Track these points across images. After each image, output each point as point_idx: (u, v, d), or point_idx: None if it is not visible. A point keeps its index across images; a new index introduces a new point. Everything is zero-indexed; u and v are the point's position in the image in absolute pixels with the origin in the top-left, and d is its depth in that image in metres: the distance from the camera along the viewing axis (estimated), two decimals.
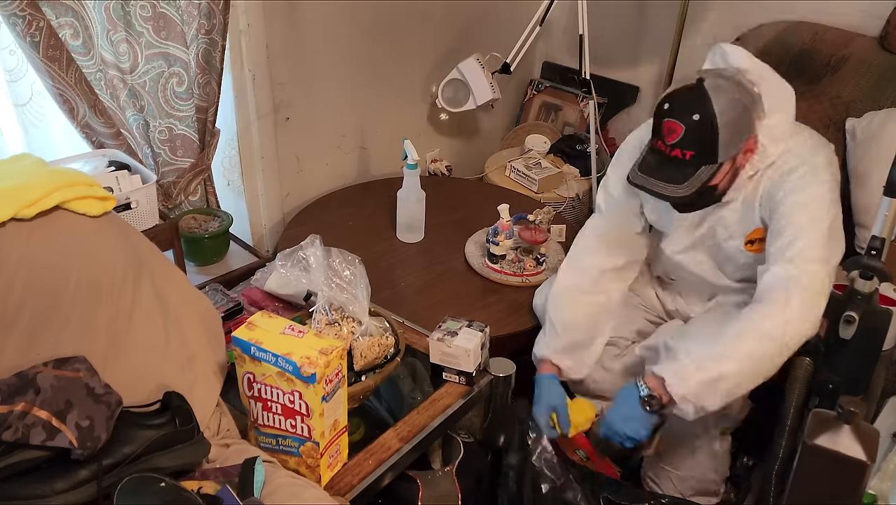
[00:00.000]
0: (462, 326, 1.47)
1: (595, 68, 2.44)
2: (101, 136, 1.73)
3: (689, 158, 1.41)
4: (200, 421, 1.12)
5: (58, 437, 0.92)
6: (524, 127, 3.04)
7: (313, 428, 1.14)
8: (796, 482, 1.24)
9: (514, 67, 2.43)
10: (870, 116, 2.00)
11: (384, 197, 2.29)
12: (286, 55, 2.14)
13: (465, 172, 2.94)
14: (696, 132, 1.39)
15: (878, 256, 1.31)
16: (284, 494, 1.07)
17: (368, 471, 1.25)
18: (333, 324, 1.37)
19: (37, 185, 1.05)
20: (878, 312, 1.34)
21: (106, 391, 0.99)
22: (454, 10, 2.59)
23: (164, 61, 1.82)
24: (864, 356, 1.37)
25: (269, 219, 2.35)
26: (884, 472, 1.28)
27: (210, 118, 1.94)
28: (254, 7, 1.99)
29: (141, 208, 1.63)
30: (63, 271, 1.05)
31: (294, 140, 2.30)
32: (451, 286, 2.00)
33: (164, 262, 1.29)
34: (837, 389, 1.37)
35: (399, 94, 2.58)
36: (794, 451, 1.31)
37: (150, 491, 0.95)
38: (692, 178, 1.42)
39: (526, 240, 1.99)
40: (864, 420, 1.19)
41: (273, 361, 1.12)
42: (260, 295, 1.65)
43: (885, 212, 1.30)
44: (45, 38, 1.53)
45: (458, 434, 1.56)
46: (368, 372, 1.36)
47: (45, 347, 1.02)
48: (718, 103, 1.38)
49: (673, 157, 1.42)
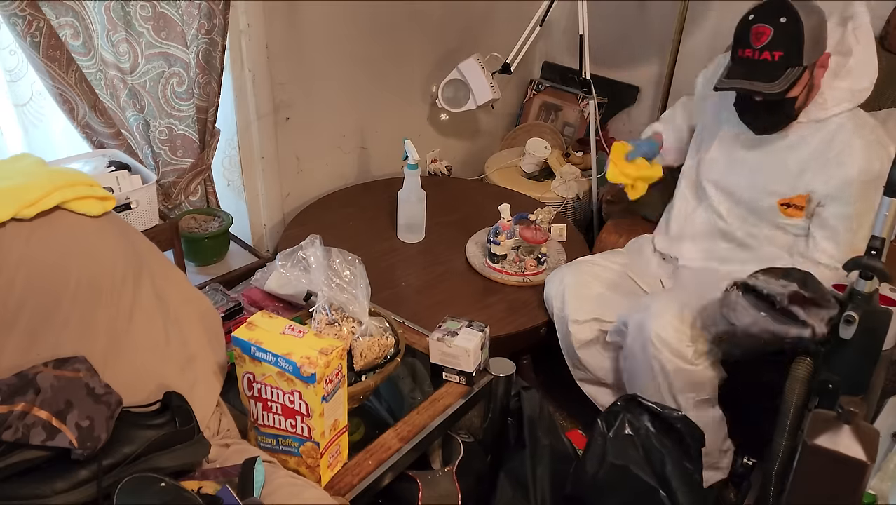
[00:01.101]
0: (462, 326, 1.46)
1: (595, 68, 2.44)
2: (101, 136, 1.73)
3: (778, 59, 1.53)
4: (200, 421, 1.12)
5: (58, 437, 0.92)
6: (524, 127, 3.04)
7: (313, 428, 1.14)
8: (796, 482, 1.24)
9: (514, 67, 2.43)
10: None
11: (384, 197, 2.29)
12: (286, 55, 2.14)
13: (465, 172, 2.94)
14: (785, 32, 1.52)
15: (878, 256, 1.31)
16: (284, 494, 1.07)
17: (368, 471, 1.25)
18: (333, 324, 1.37)
19: (37, 185, 1.05)
20: (878, 312, 1.34)
21: (106, 391, 0.99)
22: (454, 10, 2.59)
23: (165, 61, 1.82)
24: (864, 356, 1.37)
25: (269, 219, 2.35)
26: (884, 472, 1.28)
27: (210, 118, 1.94)
28: (254, 7, 1.99)
29: (141, 208, 1.63)
30: (63, 271, 1.05)
31: (294, 140, 2.30)
32: (451, 286, 2.00)
33: (164, 262, 1.29)
34: (837, 389, 1.36)
35: (399, 94, 2.58)
36: (794, 451, 1.31)
37: (150, 491, 0.95)
38: (781, 77, 1.54)
39: (527, 239, 1.99)
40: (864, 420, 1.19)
41: (273, 361, 1.12)
42: (260, 295, 1.65)
43: (885, 212, 1.30)
44: (46, 38, 1.53)
45: (458, 434, 1.56)
46: (368, 372, 1.36)
47: (45, 347, 1.02)
48: (802, 9, 1.51)
49: (762, 59, 1.54)
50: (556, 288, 1.85)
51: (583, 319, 1.80)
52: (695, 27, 2.56)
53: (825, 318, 1.37)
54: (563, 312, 1.81)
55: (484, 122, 2.98)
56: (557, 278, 1.86)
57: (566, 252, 2.13)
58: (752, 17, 1.56)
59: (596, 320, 1.81)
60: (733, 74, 1.60)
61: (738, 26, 1.59)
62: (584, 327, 1.81)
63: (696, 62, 2.53)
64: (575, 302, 1.81)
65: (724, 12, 2.50)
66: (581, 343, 1.82)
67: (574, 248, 2.16)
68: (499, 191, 2.52)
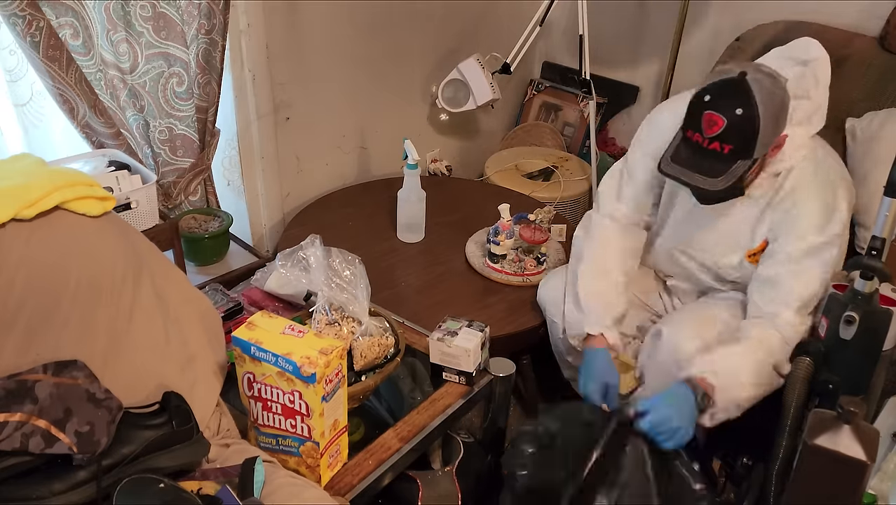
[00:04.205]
0: (462, 326, 1.47)
1: (595, 68, 2.44)
2: (101, 136, 1.73)
3: (728, 153, 1.40)
4: (200, 421, 1.12)
5: (56, 445, 0.93)
6: (524, 127, 3.04)
7: (313, 428, 1.14)
8: (796, 482, 1.24)
9: (514, 67, 2.44)
10: (870, 116, 2.00)
11: (384, 197, 2.29)
12: (286, 55, 2.14)
13: (465, 172, 2.94)
14: (739, 127, 1.37)
15: (879, 256, 1.31)
16: (284, 494, 1.07)
17: (368, 471, 1.25)
18: (333, 324, 1.37)
19: (37, 186, 1.05)
20: (879, 312, 1.34)
21: (106, 396, 0.99)
22: (454, 10, 2.59)
23: (164, 61, 1.82)
24: (864, 356, 1.37)
25: (269, 219, 2.35)
26: (884, 472, 1.28)
27: (210, 118, 1.94)
28: (254, 7, 1.99)
29: (141, 208, 1.63)
30: (63, 271, 1.05)
31: (294, 140, 2.30)
32: (451, 286, 2.00)
33: (164, 262, 1.29)
34: (837, 389, 1.36)
35: (399, 94, 2.58)
36: (794, 451, 1.31)
37: (150, 492, 0.95)
38: (728, 172, 1.42)
39: (526, 240, 1.99)
40: (864, 420, 1.19)
41: (273, 361, 1.12)
42: (260, 295, 1.65)
43: (885, 212, 1.30)
44: (45, 38, 1.53)
45: (458, 434, 1.56)
46: (368, 372, 1.36)
47: (44, 347, 1.02)
48: (761, 99, 1.36)
49: (711, 149, 1.41)
50: (549, 294, 1.83)
51: None
52: (695, 27, 2.56)
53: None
54: (556, 318, 1.80)
55: (484, 122, 2.98)
56: (551, 284, 1.84)
57: (566, 252, 2.13)
58: (708, 100, 1.39)
59: None
60: (678, 158, 1.46)
61: (692, 101, 1.43)
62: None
63: (696, 62, 2.54)
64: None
65: (724, 12, 2.50)
66: (572, 350, 1.81)
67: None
68: (499, 191, 2.52)
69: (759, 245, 1.58)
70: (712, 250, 1.67)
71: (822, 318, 1.43)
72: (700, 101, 1.41)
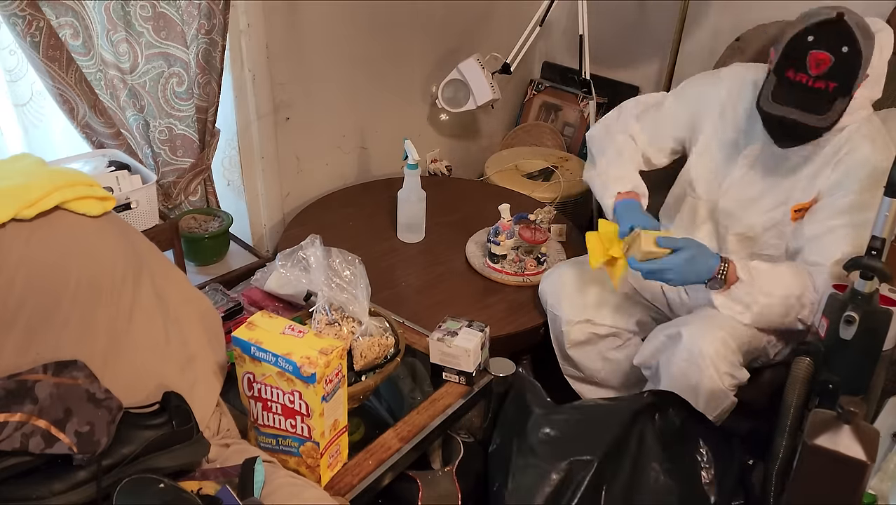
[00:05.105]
0: (462, 326, 1.47)
1: (595, 68, 2.44)
2: (101, 136, 1.73)
3: (832, 90, 1.42)
4: (200, 421, 1.12)
5: (56, 445, 0.93)
6: (524, 127, 3.04)
7: (313, 428, 1.14)
8: (796, 482, 1.24)
9: (514, 67, 2.43)
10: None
11: (384, 197, 2.29)
12: (286, 55, 2.14)
13: (465, 172, 2.94)
14: (845, 64, 1.40)
15: (878, 256, 1.31)
16: (284, 494, 1.07)
17: (368, 471, 1.25)
18: (333, 324, 1.37)
19: (37, 186, 1.05)
20: (879, 312, 1.34)
21: (107, 396, 0.99)
22: (454, 10, 2.59)
23: (164, 61, 1.82)
24: (865, 356, 1.37)
25: (269, 219, 2.35)
26: (884, 472, 1.28)
27: (210, 118, 1.94)
28: (254, 7, 1.99)
29: (141, 208, 1.63)
30: (63, 271, 1.05)
31: (294, 140, 2.30)
32: (451, 286, 2.00)
33: (164, 262, 1.29)
34: (837, 389, 1.36)
35: (399, 94, 2.58)
36: (794, 451, 1.31)
37: (150, 492, 0.95)
38: (831, 110, 1.45)
39: (526, 240, 1.99)
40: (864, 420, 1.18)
41: (273, 361, 1.12)
42: (260, 295, 1.65)
43: (885, 212, 1.30)
44: (45, 38, 1.53)
45: (458, 434, 1.56)
46: (368, 372, 1.36)
47: (44, 347, 1.02)
48: (861, 35, 1.40)
49: (815, 87, 1.43)
50: (551, 286, 1.85)
51: (576, 321, 1.80)
52: (695, 27, 2.56)
53: None
54: (557, 311, 1.81)
55: (484, 122, 2.98)
56: (553, 277, 1.86)
57: (566, 252, 2.13)
58: (812, 40, 1.40)
59: (589, 322, 1.80)
60: (781, 98, 1.46)
61: (791, 42, 1.43)
62: (576, 329, 1.80)
63: (695, 62, 2.54)
64: (569, 303, 1.80)
65: (724, 12, 2.50)
66: (573, 343, 1.81)
67: (574, 249, 2.16)
68: (499, 191, 2.52)
69: (810, 200, 1.59)
70: (759, 205, 1.67)
71: (822, 318, 1.43)
72: (803, 42, 1.42)
